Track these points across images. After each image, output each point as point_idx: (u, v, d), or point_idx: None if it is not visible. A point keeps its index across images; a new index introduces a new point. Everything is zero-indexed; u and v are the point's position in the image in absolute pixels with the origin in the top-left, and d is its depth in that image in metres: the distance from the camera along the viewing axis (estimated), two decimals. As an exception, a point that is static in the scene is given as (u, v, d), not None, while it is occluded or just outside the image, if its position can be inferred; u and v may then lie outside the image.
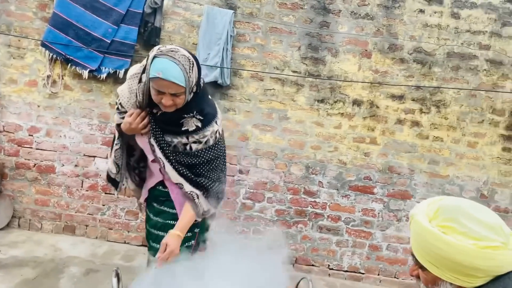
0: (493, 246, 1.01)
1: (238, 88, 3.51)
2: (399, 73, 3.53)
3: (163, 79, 1.59)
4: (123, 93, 1.80)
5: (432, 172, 3.64)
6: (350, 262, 3.73)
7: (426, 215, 1.12)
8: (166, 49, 1.63)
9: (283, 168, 3.61)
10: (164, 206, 1.94)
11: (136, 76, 1.74)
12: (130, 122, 1.77)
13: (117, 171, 2.00)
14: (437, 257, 1.07)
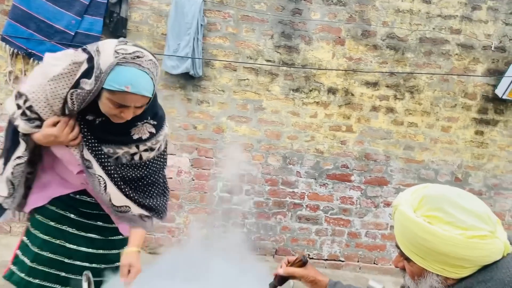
0: (480, 236, 0.98)
1: (211, 79, 3.42)
2: (373, 60, 3.51)
3: (131, 94, 1.34)
4: (37, 96, 1.43)
5: (408, 158, 3.66)
6: (330, 250, 3.73)
7: (411, 205, 1.08)
8: (130, 54, 1.34)
9: (260, 160, 3.56)
10: (97, 220, 1.70)
11: (66, 78, 1.39)
12: (56, 134, 1.45)
13: (9, 194, 1.58)
14: (423, 248, 1.03)
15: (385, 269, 3.76)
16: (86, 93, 1.37)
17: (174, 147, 3.47)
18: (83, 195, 1.66)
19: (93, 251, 1.71)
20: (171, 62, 3.27)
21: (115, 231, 1.76)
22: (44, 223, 1.65)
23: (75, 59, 1.38)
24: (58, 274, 1.66)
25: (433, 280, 1.06)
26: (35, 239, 1.65)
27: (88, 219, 1.69)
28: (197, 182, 3.53)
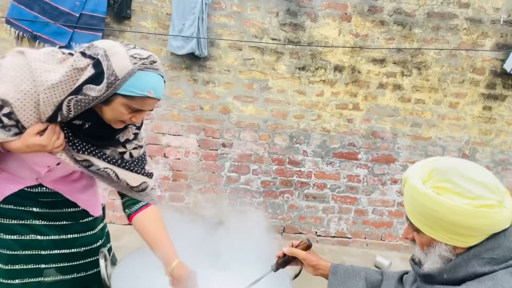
0: (488, 205, 0.99)
1: (216, 59, 3.40)
2: (380, 36, 3.47)
3: (152, 98, 1.34)
4: (24, 104, 1.32)
5: (415, 135, 3.66)
6: (337, 228, 3.77)
7: (420, 178, 1.09)
8: (147, 59, 1.33)
9: (266, 139, 3.57)
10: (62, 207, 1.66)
11: (64, 85, 1.31)
12: (44, 143, 1.36)
13: None
14: (432, 218, 1.05)
15: (392, 245, 3.80)
16: (91, 100, 1.31)
17: (181, 128, 3.49)
18: (39, 187, 1.60)
19: (68, 236, 1.70)
20: (176, 43, 3.26)
21: (85, 213, 1.74)
22: (6, 223, 1.60)
23: (76, 65, 1.30)
24: (38, 267, 1.65)
25: (441, 249, 1.08)
26: (2, 242, 1.60)
27: (52, 208, 1.65)
28: (204, 163, 3.56)
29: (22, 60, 1.32)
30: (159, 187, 3.55)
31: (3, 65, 1.32)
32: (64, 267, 1.70)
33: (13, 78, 1.30)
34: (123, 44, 1.35)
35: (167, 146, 3.51)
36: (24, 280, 1.63)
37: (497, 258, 1.01)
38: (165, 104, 3.44)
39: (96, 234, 1.79)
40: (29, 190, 1.57)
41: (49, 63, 1.32)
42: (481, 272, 1.01)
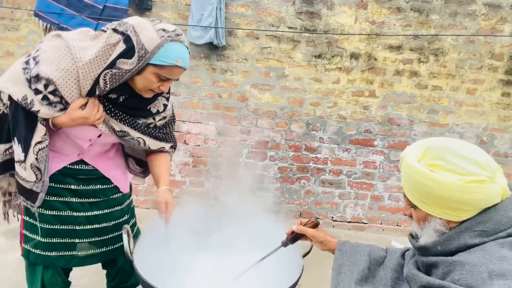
0: (478, 180, 1.06)
1: (234, 48, 3.49)
2: (396, 23, 3.48)
3: (179, 67, 1.49)
4: (66, 81, 1.46)
5: (432, 122, 3.67)
6: (353, 213, 3.83)
7: (415, 156, 1.17)
8: (173, 32, 1.46)
9: (283, 126, 3.65)
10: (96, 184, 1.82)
11: (99, 60, 1.44)
12: (87, 116, 1.52)
13: (37, 178, 1.62)
14: (426, 194, 1.12)
15: (408, 230, 3.84)
16: (124, 72, 1.45)
17: (201, 115, 3.60)
18: (79, 163, 1.76)
19: (99, 212, 1.85)
20: (195, 33, 3.36)
21: (116, 190, 1.90)
22: (47, 200, 1.73)
23: (109, 41, 1.42)
24: (73, 241, 1.81)
25: (436, 224, 1.15)
26: (42, 216, 1.75)
27: (87, 185, 1.80)
28: (223, 149, 3.68)
29: (60, 41, 1.47)
30: (180, 172, 3.70)
31: (42, 49, 1.48)
32: (95, 241, 1.87)
33: (54, 58, 1.44)
34: (149, 19, 1.50)
35: (187, 133, 3.64)
36: (60, 253, 1.81)
37: (487, 230, 1.07)
38: (185, 93, 3.56)
39: (123, 209, 1.96)
40: (70, 167, 1.74)
41: (84, 40, 1.47)
42: (472, 244, 1.08)
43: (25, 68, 1.47)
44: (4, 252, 2.85)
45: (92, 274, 2.66)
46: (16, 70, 1.49)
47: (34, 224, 1.76)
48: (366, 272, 1.43)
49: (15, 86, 1.47)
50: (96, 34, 1.49)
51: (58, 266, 1.84)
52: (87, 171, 1.80)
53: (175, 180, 3.71)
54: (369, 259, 1.46)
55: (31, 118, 1.50)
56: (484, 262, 1.01)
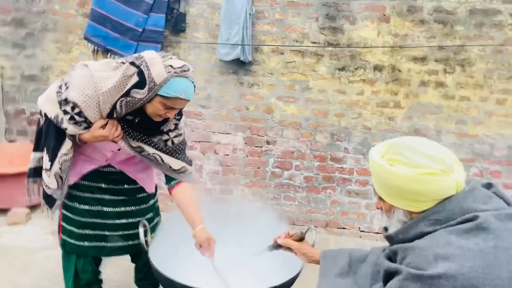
0: (430, 173, 1.16)
1: (260, 63, 3.71)
2: (420, 35, 3.53)
3: (182, 99, 1.71)
4: (88, 105, 1.72)
5: (460, 132, 3.63)
6: (381, 224, 3.84)
7: (379, 153, 1.29)
8: (179, 68, 1.68)
9: (308, 137, 3.78)
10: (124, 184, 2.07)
11: (117, 89, 1.70)
12: (106, 135, 1.77)
13: (58, 186, 1.89)
14: (387, 186, 1.24)
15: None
16: (137, 101, 1.70)
17: (229, 127, 3.83)
18: (108, 167, 2.04)
19: (126, 209, 2.11)
20: (224, 50, 3.61)
21: (141, 190, 2.15)
22: (81, 196, 2.03)
23: (126, 73, 1.68)
24: (103, 234, 2.07)
25: (399, 214, 1.26)
26: (77, 210, 2.04)
27: (116, 185, 2.07)
28: (250, 159, 3.87)
29: (86, 71, 1.78)
30: (210, 180, 3.92)
31: (72, 76, 1.81)
32: (123, 235, 2.13)
33: (80, 85, 1.75)
34: (162, 55, 1.76)
35: (217, 143, 3.88)
36: (92, 244, 2.08)
37: (441, 219, 1.17)
38: (215, 106, 3.81)
39: (149, 207, 2.22)
40: (101, 169, 2.03)
41: (106, 71, 1.76)
42: (426, 231, 1.17)
43: (58, 91, 1.79)
44: (50, 248, 3.19)
45: (124, 271, 2.91)
46: (51, 92, 1.82)
47: (70, 216, 2.05)
48: (346, 268, 1.52)
49: (50, 106, 1.79)
50: (116, 65, 1.77)
51: (89, 255, 2.11)
52: (115, 173, 2.06)
53: (206, 187, 3.93)
54: (349, 257, 1.55)
55: (61, 133, 1.80)
56: (431, 246, 1.11)
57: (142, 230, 1.92)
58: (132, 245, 2.15)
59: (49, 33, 3.90)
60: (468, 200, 1.17)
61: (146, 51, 1.78)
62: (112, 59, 1.91)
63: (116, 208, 2.10)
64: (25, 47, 3.95)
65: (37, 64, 3.96)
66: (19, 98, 4.03)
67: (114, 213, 2.09)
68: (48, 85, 3.92)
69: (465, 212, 1.15)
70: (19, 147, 3.73)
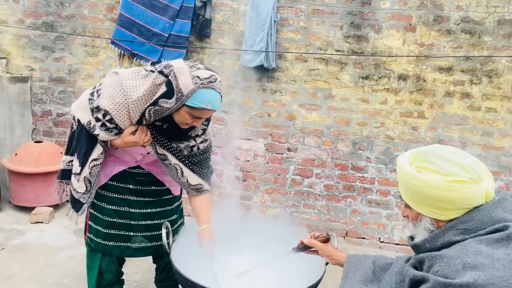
0: (459, 181, 1.15)
1: (283, 71, 3.72)
2: (446, 45, 3.49)
3: (209, 110, 1.73)
4: (119, 112, 1.77)
5: (486, 144, 3.56)
6: (401, 235, 3.78)
7: (407, 160, 1.28)
8: (206, 79, 1.70)
9: (330, 145, 3.76)
10: (151, 186, 2.09)
11: (146, 98, 1.74)
12: (136, 141, 1.83)
13: (86, 190, 1.94)
14: (415, 193, 1.23)
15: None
16: (165, 110, 1.73)
17: (251, 132, 3.85)
18: (137, 168, 2.08)
19: (151, 210, 2.13)
20: (248, 56, 3.64)
21: (168, 192, 2.18)
22: (109, 196, 2.07)
23: (155, 82, 1.72)
24: (128, 234, 2.10)
25: (426, 223, 1.24)
26: (104, 210, 2.08)
27: (144, 186, 2.11)
28: (271, 165, 3.87)
29: (116, 79, 1.82)
30: (230, 186, 3.94)
31: (103, 83, 1.86)
32: (147, 236, 2.16)
33: (111, 93, 1.80)
34: (190, 65, 1.78)
35: (238, 149, 3.90)
36: (117, 243, 2.12)
37: (469, 229, 1.15)
38: (237, 112, 3.84)
39: (173, 209, 2.25)
40: (129, 170, 2.07)
41: (136, 79, 1.80)
42: (454, 241, 1.15)
43: (90, 99, 1.84)
44: (73, 247, 3.25)
45: (144, 272, 2.94)
46: (84, 99, 1.87)
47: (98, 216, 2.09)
48: (370, 275, 1.49)
49: (82, 112, 1.85)
50: (146, 73, 1.80)
51: (114, 254, 2.14)
52: (144, 174, 2.10)
53: (226, 192, 3.95)
54: (373, 265, 1.52)
55: (93, 139, 1.85)
56: (460, 255, 1.09)
57: (165, 232, 1.94)
58: (155, 246, 2.17)
59: (78, 37, 4.01)
60: (498, 210, 1.14)
61: (174, 60, 1.82)
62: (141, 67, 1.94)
63: (142, 210, 2.13)
64: (54, 50, 4.07)
65: (65, 67, 4.07)
66: (47, 99, 4.15)
67: (140, 214, 2.13)
68: (75, 87, 4.07)
69: (495, 222, 1.13)
70: (45, 147, 3.81)
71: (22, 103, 4.07)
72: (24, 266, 2.91)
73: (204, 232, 1.94)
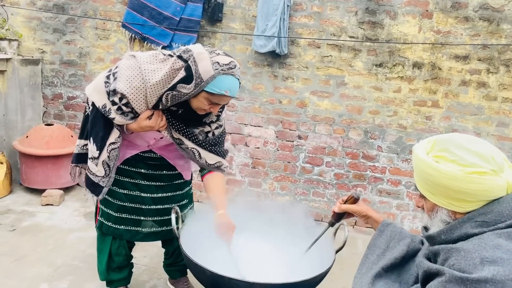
0: (479, 172, 1.10)
1: (295, 57, 3.66)
2: (464, 33, 3.40)
3: (227, 96, 1.72)
4: (136, 96, 1.75)
5: (501, 135, 3.49)
6: (411, 225, 3.75)
7: (424, 149, 1.23)
8: (226, 65, 1.67)
9: (341, 133, 3.71)
10: (163, 170, 2.10)
11: (164, 82, 1.72)
12: (152, 126, 1.82)
13: (105, 174, 1.93)
14: (432, 184, 1.19)
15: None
16: (183, 95, 1.72)
17: (261, 119, 3.81)
18: (149, 152, 2.07)
19: (163, 195, 2.14)
20: (259, 42, 3.58)
21: (179, 176, 2.18)
22: (121, 180, 2.07)
23: (174, 66, 1.70)
24: (138, 218, 2.11)
25: (443, 214, 1.21)
26: (115, 194, 2.08)
27: (155, 170, 2.10)
28: (281, 153, 3.83)
29: (134, 62, 1.78)
30: (240, 172, 3.92)
31: (120, 66, 1.82)
32: (157, 220, 2.16)
33: (128, 77, 1.76)
34: (209, 50, 1.75)
35: (248, 136, 3.87)
36: (128, 227, 2.13)
37: (488, 221, 1.11)
38: (248, 98, 3.79)
39: (183, 194, 2.25)
40: (142, 154, 2.08)
41: (154, 63, 1.77)
42: (472, 233, 1.12)
43: (106, 82, 1.81)
44: (83, 230, 3.27)
45: (153, 256, 2.96)
46: (99, 82, 1.84)
47: (109, 200, 2.09)
48: (399, 261, 1.38)
49: (98, 95, 1.81)
50: (164, 57, 1.77)
51: (124, 238, 2.15)
52: (156, 159, 2.10)
53: (235, 179, 3.93)
54: (406, 250, 1.40)
55: (109, 123, 1.84)
56: (478, 249, 1.05)
57: (174, 217, 1.93)
58: (165, 231, 2.18)
59: (89, 19, 3.98)
60: None
61: (193, 45, 1.78)
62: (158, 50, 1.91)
63: (153, 194, 2.13)
64: (65, 32, 4.04)
65: (75, 50, 4.05)
66: (58, 82, 4.14)
67: (151, 198, 2.13)
68: (85, 71, 4.05)
69: None
70: (55, 130, 3.82)
71: (33, 86, 4.07)
72: (35, 247, 2.93)
73: (220, 218, 1.91)
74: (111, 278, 2.26)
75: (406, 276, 1.34)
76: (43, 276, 2.60)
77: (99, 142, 1.86)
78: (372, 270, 1.39)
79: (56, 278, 2.60)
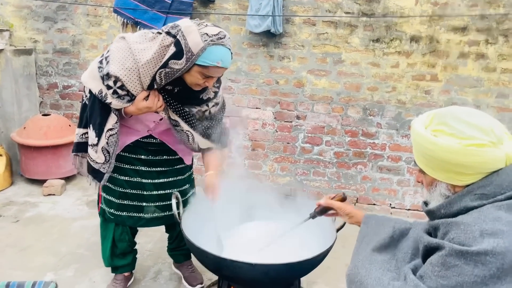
0: (477, 144, 1.09)
1: (291, 35, 3.60)
2: (461, 3, 3.33)
3: (220, 67, 1.69)
4: (130, 77, 1.73)
5: (501, 107, 3.46)
6: (413, 201, 3.76)
7: (423, 123, 1.22)
8: (215, 35, 1.64)
9: (340, 112, 3.69)
10: (163, 155, 2.10)
11: (155, 60, 1.70)
12: (150, 106, 1.80)
13: (105, 160, 1.93)
14: (430, 158, 1.17)
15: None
16: (175, 71, 1.69)
17: (259, 101, 3.78)
18: (149, 137, 2.06)
19: (164, 180, 2.14)
20: (253, 22, 3.52)
21: (180, 161, 2.18)
22: (122, 167, 2.07)
23: (163, 43, 1.66)
24: (140, 204, 2.12)
25: (442, 188, 1.20)
26: (116, 181, 2.09)
27: (156, 155, 2.10)
28: (280, 134, 3.82)
29: (124, 44, 1.77)
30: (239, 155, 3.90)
31: (111, 50, 1.80)
32: (159, 205, 2.17)
33: (119, 58, 1.74)
34: (197, 23, 1.71)
35: (246, 118, 3.84)
36: (130, 214, 2.14)
37: (487, 194, 1.10)
38: (245, 80, 3.76)
39: (185, 179, 2.25)
40: (142, 140, 2.07)
41: (143, 42, 1.75)
42: (471, 206, 1.11)
43: (100, 66, 1.79)
44: (86, 218, 3.29)
45: (156, 242, 2.98)
46: (93, 68, 1.82)
47: (111, 187, 2.10)
48: (388, 240, 1.42)
49: (93, 82, 1.80)
50: (153, 36, 1.74)
51: (127, 224, 2.16)
52: (156, 144, 2.09)
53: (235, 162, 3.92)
54: (392, 230, 1.45)
55: (106, 109, 1.83)
56: (477, 222, 1.05)
57: (175, 202, 1.93)
58: (168, 216, 2.19)
59: (79, 6, 3.91)
60: None
61: (180, 20, 1.74)
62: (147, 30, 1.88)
63: (154, 180, 2.14)
64: (56, 20, 3.98)
65: (68, 37, 4.00)
66: (52, 71, 4.10)
67: (152, 184, 2.13)
68: (79, 59, 4.00)
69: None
70: (53, 120, 3.80)
71: (27, 76, 4.03)
72: (39, 237, 2.95)
73: (209, 178, 1.95)
74: (115, 264, 2.28)
75: (401, 255, 1.35)
76: (49, 266, 2.62)
77: (97, 129, 1.86)
78: (365, 251, 1.41)
79: (62, 267, 2.62)
